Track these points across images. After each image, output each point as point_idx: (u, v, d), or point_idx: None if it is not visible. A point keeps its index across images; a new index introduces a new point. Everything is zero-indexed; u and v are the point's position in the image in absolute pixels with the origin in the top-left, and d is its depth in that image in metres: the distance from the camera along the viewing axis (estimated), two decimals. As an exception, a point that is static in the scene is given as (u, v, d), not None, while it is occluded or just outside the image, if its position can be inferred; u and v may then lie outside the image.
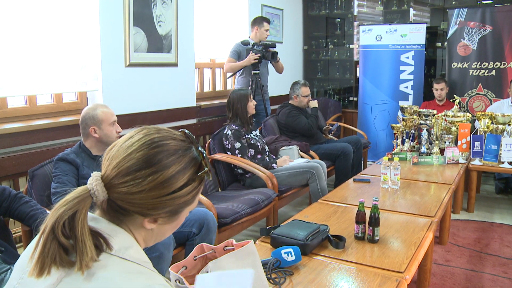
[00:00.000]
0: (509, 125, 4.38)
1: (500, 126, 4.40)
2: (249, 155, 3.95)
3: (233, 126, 3.93)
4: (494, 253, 3.56)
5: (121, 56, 3.92)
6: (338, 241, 2.20)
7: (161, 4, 4.22)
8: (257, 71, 4.99)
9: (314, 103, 5.03)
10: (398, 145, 4.54)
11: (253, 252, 1.76)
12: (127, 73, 3.99)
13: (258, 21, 5.11)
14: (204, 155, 1.08)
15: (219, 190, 3.92)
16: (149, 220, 1.03)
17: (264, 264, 1.91)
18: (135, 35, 3.97)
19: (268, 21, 5.15)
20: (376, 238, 2.26)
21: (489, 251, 3.59)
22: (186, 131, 1.11)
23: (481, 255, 3.53)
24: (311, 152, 4.59)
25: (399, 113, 4.78)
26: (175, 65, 4.51)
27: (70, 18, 3.55)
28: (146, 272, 0.97)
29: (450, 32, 5.97)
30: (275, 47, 5.14)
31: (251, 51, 4.92)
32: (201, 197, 3.05)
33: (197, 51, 4.96)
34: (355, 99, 7.02)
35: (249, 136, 3.99)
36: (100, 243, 0.95)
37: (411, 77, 6.22)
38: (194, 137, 1.10)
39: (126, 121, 3.73)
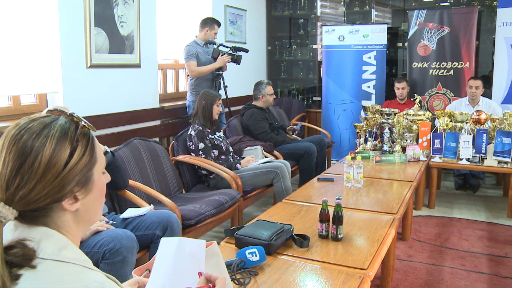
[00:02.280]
0: (466, 123, 4.50)
1: (458, 124, 4.52)
2: (213, 155, 3.94)
3: (197, 127, 3.91)
4: (453, 247, 3.66)
5: (82, 57, 3.84)
6: (302, 240, 2.22)
7: (122, 5, 4.16)
8: (221, 72, 4.97)
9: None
10: (361, 144, 4.61)
11: (217, 253, 1.75)
12: (88, 74, 3.91)
13: (209, 23, 5.03)
14: (75, 114, 1.03)
15: (183, 192, 3.89)
16: (69, 202, 0.99)
17: (229, 265, 1.90)
18: (96, 36, 3.90)
19: (219, 24, 5.10)
20: (339, 236, 2.28)
21: (449, 245, 3.69)
22: (51, 108, 1.05)
23: (441, 249, 3.62)
24: (275, 152, 4.61)
25: (362, 113, 4.85)
26: (138, 66, 4.46)
27: (28, 18, 3.45)
28: (83, 271, 0.94)
29: (410, 32, 6.11)
30: (247, 51, 5.15)
31: (220, 52, 4.89)
32: (164, 199, 3.04)
33: (160, 52, 4.91)
34: (318, 99, 7.08)
35: (213, 136, 3.98)
36: (29, 252, 0.92)
37: (373, 76, 6.33)
38: (61, 109, 1.04)
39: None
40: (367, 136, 4.63)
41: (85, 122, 1.03)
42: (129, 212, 2.75)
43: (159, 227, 2.63)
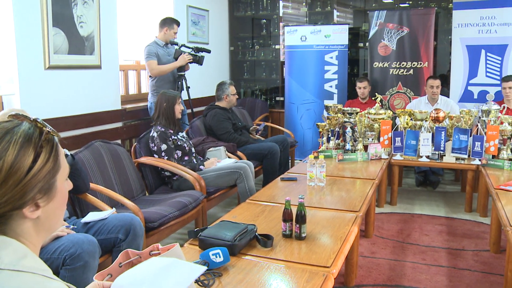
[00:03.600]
0: (426, 121, 4.61)
1: (418, 122, 4.62)
2: (176, 157, 3.91)
3: (159, 128, 3.87)
4: (415, 242, 3.74)
5: (39, 58, 3.75)
6: (266, 240, 2.22)
7: (82, 4, 4.08)
8: (183, 72, 4.94)
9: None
10: (323, 143, 4.66)
11: (179, 255, 1.74)
12: (47, 76, 3.82)
13: (168, 23, 4.99)
14: (39, 120, 1.01)
15: (147, 194, 3.85)
16: (30, 209, 0.97)
17: (192, 267, 1.90)
18: (54, 36, 3.81)
19: (178, 24, 5.07)
20: (303, 235, 2.30)
21: (410, 241, 3.77)
22: (14, 113, 1.04)
23: (403, 245, 3.69)
24: (239, 153, 4.61)
25: (324, 112, 4.91)
26: (99, 67, 4.38)
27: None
28: (43, 280, 0.92)
29: (371, 33, 6.21)
30: (209, 52, 5.13)
31: (182, 53, 4.86)
32: (127, 201, 3.00)
33: (121, 53, 4.85)
34: (281, 99, 7.12)
35: (175, 137, 3.95)
36: None
37: (335, 76, 6.41)
38: (24, 114, 1.03)
39: (47, 126, 3.57)
40: (329, 135, 4.68)
41: (49, 128, 1.01)
42: (91, 216, 2.69)
43: (122, 230, 2.59)
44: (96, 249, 2.32)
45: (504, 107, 4.66)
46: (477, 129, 4.33)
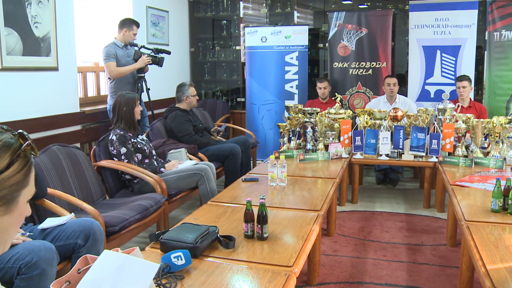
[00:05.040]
0: (385, 120, 4.70)
1: (378, 121, 4.71)
2: (136, 159, 3.85)
3: (118, 131, 3.81)
4: (376, 239, 3.81)
5: (-9, 59, 3.63)
6: (228, 241, 2.22)
7: (36, 4, 3.97)
8: (142, 74, 4.88)
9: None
10: (285, 144, 4.69)
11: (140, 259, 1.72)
12: (0, 78, 3.71)
13: (127, 24, 4.93)
14: (25, 133, 1.02)
15: (107, 198, 3.78)
16: None
17: (153, 270, 1.87)
18: (7, 37, 3.70)
19: (138, 25, 5.01)
20: (265, 235, 2.31)
21: (372, 238, 3.83)
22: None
23: (364, 242, 3.75)
24: (200, 154, 4.58)
25: (285, 112, 4.94)
26: (55, 69, 4.28)
27: None
28: None
29: (331, 33, 6.29)
30: (169, 53, 5.08)
31: (142, 54, 4.79)
32: (86, 206, 2.93)
33: (79, 54, 4.74)
34: (242, 99, 7.12)
35: (135, 140, 3.89)
36: None
37: (296, 77, 6.46)
38: (8, 128, 1.03)
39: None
40: (290, 136, 4.71)
41: (31, 145, 1.01)
42: (48, 222, 2.62)
43: (81, 235, 2.53)
44: (54, 256, 2.25)
45: (458, 105, 4.80)
46: (434, 127, 4.44)
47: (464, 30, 5.76)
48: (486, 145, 4.46)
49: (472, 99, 5.38)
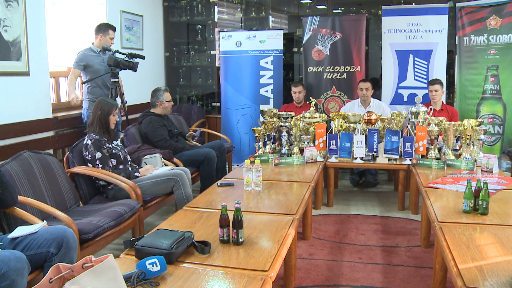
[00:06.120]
0: (359, 123, 4.75)
1: (352, 125, 4.75)
2: (111, 165, 3.81)
3: (93, 136, 3.76)
4: (351, 242, 3.84)
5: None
6: (203, 247, 2.21)
7: (5, 7, 3.88)
8: (117, 79, 4.83)
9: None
10: (260, 148, 4.70)
11: (113, 266, 1.70)
12: (-32, 83, 3.63)
13: (103, 28, 4.91)
14: None
15: (81, 205, 3.72)
16: None
17: (128, 277, 1.85)
18: (-25, 42, 3.62)
19: (114, 29, 4.99)
20: (240, 240, 2.31)
21: (347, 241, 3.86)
22: None
23: (340, 245, 3.77)
24: (175, 159, 4.56)
25: (260, 117, 4.95)
26: (26, 74, 4.20)
27: None
28: None
29: (305, 38, 6.33)
30: (144, 58, 5.04)
31: (115, 59, 4.74)
32: (59, 213, 2.89)
33: (51, 59, 4.67)
34: (217, 104, 7.11)
35: (110, 145, 3.84)
36: None
37: (271, 81, 6.48)
38: None
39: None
40: (265, 140, 4.72)
41: None
42: (19, 231, 2.56)
43: (53, 244, 2.47)
44: (25, 266, 2.20)
45: (431, 109, 4.88)
46: (407, 130, 4.50)
47: (436, 35, 5.87)
48: (458, 147, 4.55)
49: (444, 102, 5.47)
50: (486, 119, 5.66)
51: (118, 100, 4.88)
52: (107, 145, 3.83)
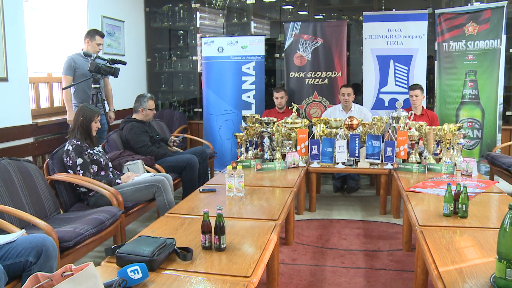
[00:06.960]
0: (341, 128, 4.77)
1: (334, 130, 4.77)
2: (92, 171, 3.77)
3: (74, 141, 3.72)
4: (334, 246, 3.85)
5: None
6: (185, 253, 2.20)
7: (-18, 13, 3.85)
8: (98, 85, 4.79)
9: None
10: (242, 154, 4.69)
11: (94, 274, 1.68)
12: None
13: (90, 34, 4.92)
14: None
15: (61, 212, 3.67)
16: None
17: (109, 285, 1.83)
18: (-48, 48, 3.57)
19: (101, 35, 4.97)
20: (222, 246, 2.30)
21: (330, 246, 3.87)
22: None
23: (323, 250, 3.78)
24: (157, 166, 4.53)
25: (242, 122, 4.95)
26: (5, 79, 4.15)
27: None
28: None
29: (287, 43, 6.36)
30: (125, 64, 5.01)
31: (96, 65, 4.70)
32: (38, 221, 2.84)
33: (31, 64, 4.62)
34: (200, 110, 7.09)
35: (91, 151, 3.81)
36: None
37: (253, 87, 6.49)
38: None
39: None
40: (248, 145, 4.72)
41: None
42: (-4, 240, 2.52)
43: (32, 252, 2.43)
44: (2, 276, 2.16)
45: (411, 113, 4.93)
46: (389, 135, 4.54)
47: (416, 40, 5.94)
48: (438, 152, 4.60)
49: (425, 107, 5.54)
50: (465, 124, 5.75)
51: (100, 106, 4.83)
52: (89, 151, 3.79)
